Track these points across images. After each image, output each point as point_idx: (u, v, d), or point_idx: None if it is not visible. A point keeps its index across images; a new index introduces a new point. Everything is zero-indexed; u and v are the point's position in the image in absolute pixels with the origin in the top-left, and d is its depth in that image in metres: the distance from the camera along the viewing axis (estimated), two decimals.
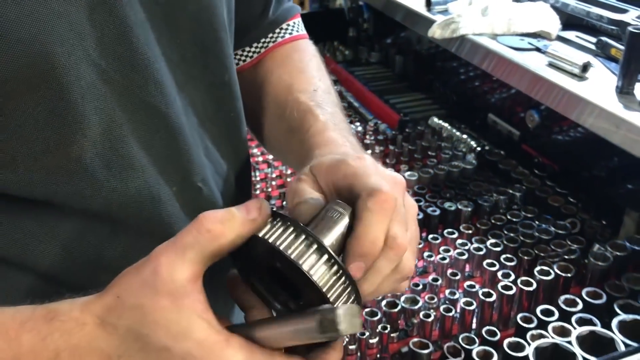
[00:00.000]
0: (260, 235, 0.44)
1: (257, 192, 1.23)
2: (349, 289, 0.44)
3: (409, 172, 1.21)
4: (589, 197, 1.12)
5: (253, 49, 0.77)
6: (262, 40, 0.77)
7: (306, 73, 0.74)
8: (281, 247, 0.43)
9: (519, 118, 1.32)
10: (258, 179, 1.27)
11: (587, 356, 0.73)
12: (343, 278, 0.44)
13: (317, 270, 0.42)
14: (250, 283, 0.48)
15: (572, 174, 1.19)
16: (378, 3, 1.56)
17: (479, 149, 1.31)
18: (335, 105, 0.70)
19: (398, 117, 1.45)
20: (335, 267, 0.43)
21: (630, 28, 0.91)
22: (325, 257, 0.43)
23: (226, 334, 0.42)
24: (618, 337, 0.75)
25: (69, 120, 0.49)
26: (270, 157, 1.33)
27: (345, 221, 0.47)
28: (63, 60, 0.47)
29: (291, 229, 0.44)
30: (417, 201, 1.12)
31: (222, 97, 0.66)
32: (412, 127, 1.41)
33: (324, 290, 0.42)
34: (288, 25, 0.78)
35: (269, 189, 1.24)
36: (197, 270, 0.43)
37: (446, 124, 1.42)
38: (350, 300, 0.44)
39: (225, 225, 0.43)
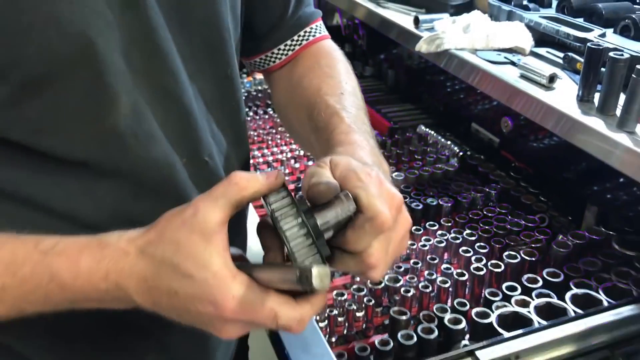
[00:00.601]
0: (267, 197, 0.56)
1: None
2: (316, 256, 0.53)
3: (396, 173, 1.33)
4: (558, 197, 1.24)
5: (283, 51, 0.88)
6: (289, 42, 0.87)
7: (334, 78, 0.84)
8: (273, 207, 0.54)
9: (499, 127, 1.44)
10: None
11: (542, 321, 0.84)
12: (313, 246, 0.52)
13: (293, 234, 0.52)
14: (275, 230, 0.57)
15: (544, 177, 1.31)
16: (372, 21, 1.69)
17: (461, 153, 1.44)
18: (360, 108, 0.79)
19: (388, 124, 1.57)
20: (310, 238, 0.52)
21: (589, 44, 1.03)
22: (305, 229, 0.52)
23: (235, 271, 0.53)
24: (570, 307, 0.87)
25: (105, 98, 0.61)
26: (270, 158, 1.45)
27: (348, 215, 0.55)
28: (101, 49, 0.59)
29: (289, 198, 0.55)
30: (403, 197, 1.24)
31: (225, 88, 0.77)
32: (401, 133, 1.54)
33: (293, 248, 0.52)
34: (311, 28, 0.88)
35: None
36: (225, 215, 0.54)
37: (432, 132, 1.55)
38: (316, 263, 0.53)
39: (249, 182, 0.54)
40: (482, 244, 1.08)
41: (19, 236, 0.57)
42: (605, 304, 0.89)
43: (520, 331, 0.81)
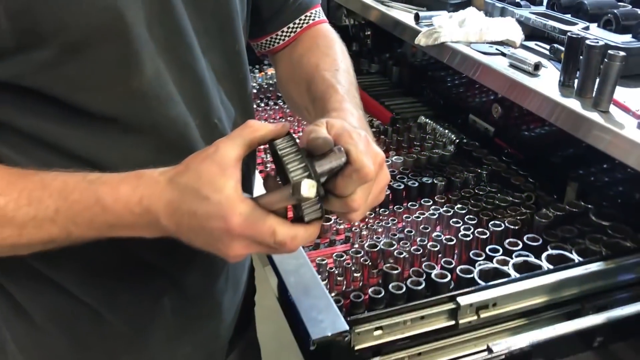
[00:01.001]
0: (274, 142, 0.67)
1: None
2: (308, 174, 0.64)
3: (395, 157, 1.44)
4: (545, 177, 1.34)
5: (286, 33, 0.99)
6: (292, 24, 0.99)
7: (330, 56, 0.95)
8: (279, 147, 0.65)
9: (493, 117, 1.54)
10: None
11: (518, 275, 0.94)
12: (308, 172, 0.63)
13: (293, 165, 0.63)
14: (277, 177, 0.69)
15: (533, 160, 1.41)
16: (378, 19, 1.80)
17: (457, 140, 1.54)
18: (351, 84, 0.91)
19: (390, 115, 1.68)
20: (307, 170, 0.63)
21: (568, 34, 1.14)
22: (303, 163, 0.63)
23: (243, 197, 0.64)
24: (545, 265, 0.97)
25: (132, 63, 0.72)
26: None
27: (339, 164, 0.65)
28: (129, 21, 0.70)
29: (292, 142, 0.66)
30: (400, 178, 1.35)
31: (233, 62, 0.88)
32: (402, 123, 1.64)
33: (290, 169, 0.63)
34: (311, 12, 1.01)
35: None
36: (241, 152, 0.65)
37: (431, 121, 1.65)
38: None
39: (261, 126, 0.66)
40: (471, 216, 1.18)
41: (69, 171, 0.69)
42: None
43: (497, 281, 0.91)
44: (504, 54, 1.33)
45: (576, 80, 1.14)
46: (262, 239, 0.63)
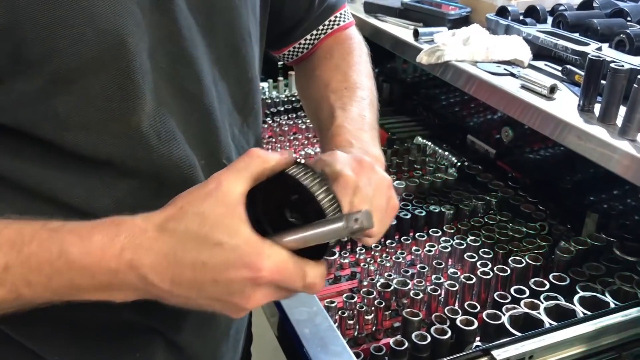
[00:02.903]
0: (287, 170, 0.57)
1: None
2: (338, 209, 0.57)
3: (397, 182, 1.35)
4: (556, 205, 1.27)
5: (307, 41, 0.90)
6: (315, 32, 0.89)
7: (341, 70, 0.86)
8: (300, 178, 0.56)
9: (494, 138, 1.47)
10: None
11: (552, 322, 0.86)
12: (334, 201, 0.56)
13: (323, 196, 0.55)
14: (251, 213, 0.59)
15: (541, 187, 1.34)
16: (372, 34, 1.72)
17: (459, 163, 1.46)
18: (361, 100, 0.82)
19: (386, 135, 1.59)
20: (330, 195, 0.56)
21: (590, 56, 1.07)
22: (328, 190, 0.56)
23: (262, 237, 0.54)
24: (579, 309, 0.89)
25: (132, 96, 0.61)
26: None
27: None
28: (132, 48, 0.59)
29: (308, 169, 0.57)
30: (405, 205, 1.26)
31: (247, 92, 0.78)
32: (399, 144, 1.56)
33: (325, 209, 0.55)
34: (336, 16, 0.91)
35: None
36: (247, 187, 0.55)
37: (430, 143, 1.57)
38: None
39: (269, 155, 0.56)
40: (486, 249, 1.10)
41: (24, 218, 0.56)
42: (612, 306, 0.91)
43: (533, 331, 0.83)
44: (513, 75, 1.26)
45: (597, 105, 1.08)
46: (291, 282, 0.54)
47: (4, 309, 0.57)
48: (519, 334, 0.84)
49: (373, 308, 0.97)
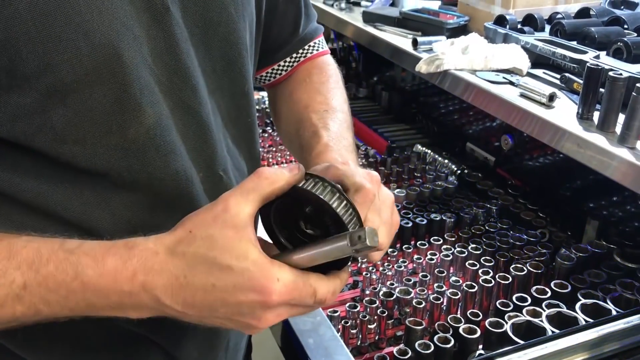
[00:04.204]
0: (300, 185, 0.57)
1: None
2: (357, 223, 0.57)
3: (397, 190, 1.36)
4: (556, 212, 1.27)
5: (286, 64, 0.91)
6: (294, 55, 0.91)
7: (321, 94, 0.87)
8: (316, 192, 0.56)
9: (493, 146, 1.48)
10: None
11: (554, 330, 0.86)
12: (353, 215, 0.56)
13: (341, 208, 0.55)
14: (266, 224, 0.60)
15: (541, 194, 1.34)
16: (370, 43, 1.73)
17: (459, 171, 1.47)
18: (342, 122, 0.83)
19: (386, 143, 1.60)
20: (350, 208, 0.56)
21: (588, 64, 1.08)
22: (344, 201, 0.56)
23: (270, 258, 0.54)
24: (581, 316, 0.89)
25: (129, 109, 0.61)
26: None
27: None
28: (128, 61, 0.60)
29: (321, 181, 0.57)
30: (406, 213, 1.26)
31: (242, 104, 0.79)
32: (399, 152, 1.57)
33: (345, 221, 0.55)
34: (315, 43, 0.93)
35: None
36: (255, 208, 0.55)
37: (429, 151, 1.58)
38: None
39: (278, 175, 0.56)
40: (487, 257, 1.11)
41: (43, 236, 0.57)
42: (614, 313, 0.91)
43: (536, 339, 0.83)
44: (512, 83, 1.27)
45: (596, 113, 1.08)
46: (302, 301, 0.55)
47: (24, 322, 0.58)
48: (522, 342, 0.84)
49: (376, 317, 0.98)
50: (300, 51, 0.92)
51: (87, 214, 0.65)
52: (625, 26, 1.36)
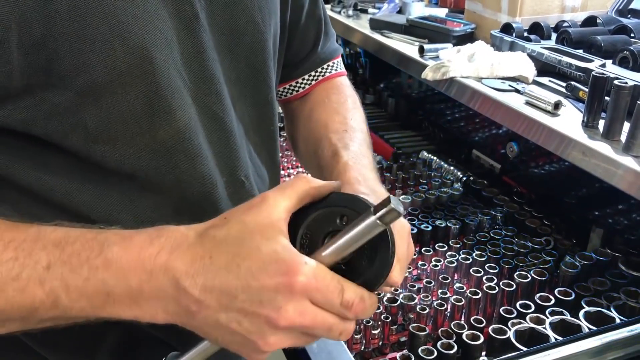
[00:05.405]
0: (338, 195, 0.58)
1: None
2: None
3: (403, 196, 1.36)
4: (561, 220, 1.27)
5: (304, 81, 0.92)
6: (312, 73, 0.92)
7: (340, 114, 0.88)
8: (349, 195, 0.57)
9: (499, 154, 1.48)
10: None
11: (557, 337, 0.87)
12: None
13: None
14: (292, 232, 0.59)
15: (546, 202, 1.35)
16: (378, 51, 1.74)
17: (464, 178, 1.47)
18: (362, 142, 0.84)
19: (392, 150, 1.61)
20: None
21: (593, 72, 1.08)
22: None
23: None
24: (584, 324, 0.90)
25: (160, 111, 0.63)
26: None
27: None
28: (160, 64, 0.61)
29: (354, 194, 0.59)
30: (411, 220, 1.27)
31: (264, 113, 0.80)
32: (405, 159, 1.57)
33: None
34: (333, 63, 0.94)
35: None
36: (291, 205, 0.55)
37: (435, 157, 1.58)
38: None
39: (315, 179, 0.57)
40: (491, 264, 1.11)
41: (75, 224, 0.58)
42: (618, 321, 0.91)
43: (539, 346, 0.83)
44: (518, 91, 1.27)
45: (601, 121, 1.09)
46: (327, 296, 0.52)
47: (41, 316, 0.56)
48: (525, 349, 0.84)
49: (380, 322, 0.98)
50: (320, 70, 0.93)
51: (112, 215, 0.66)
52: (632, 35, 1.36)
